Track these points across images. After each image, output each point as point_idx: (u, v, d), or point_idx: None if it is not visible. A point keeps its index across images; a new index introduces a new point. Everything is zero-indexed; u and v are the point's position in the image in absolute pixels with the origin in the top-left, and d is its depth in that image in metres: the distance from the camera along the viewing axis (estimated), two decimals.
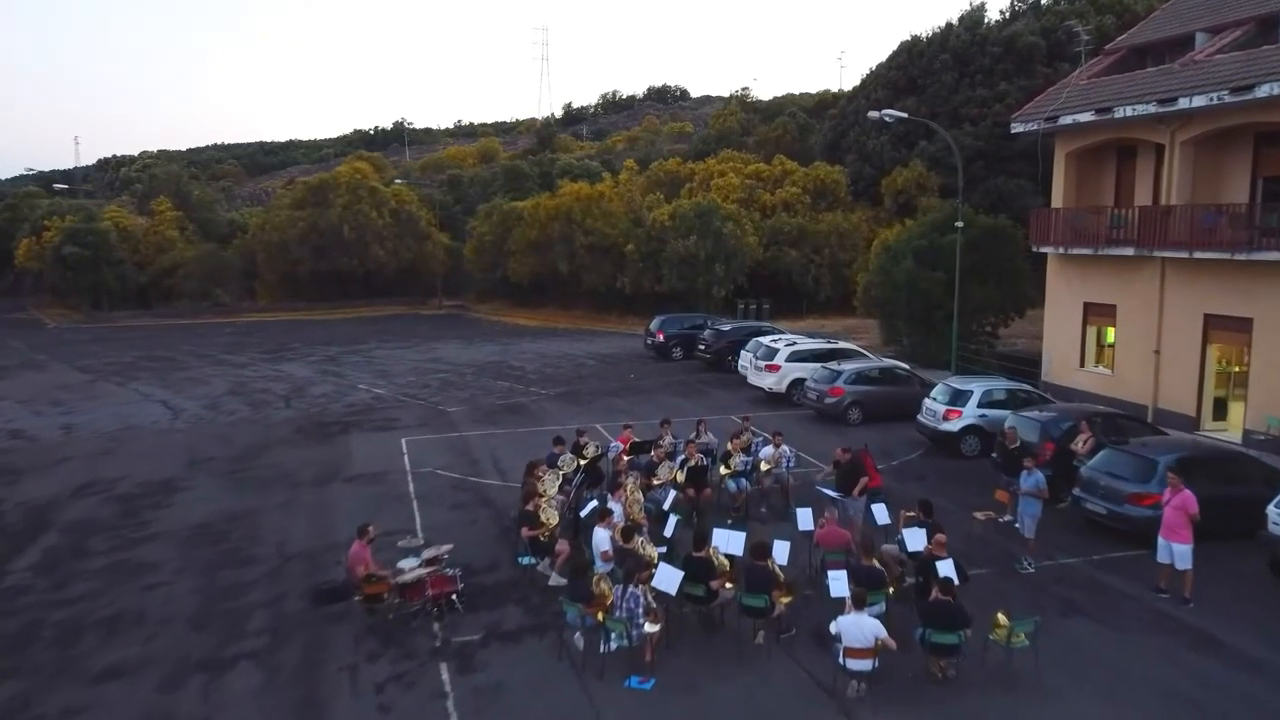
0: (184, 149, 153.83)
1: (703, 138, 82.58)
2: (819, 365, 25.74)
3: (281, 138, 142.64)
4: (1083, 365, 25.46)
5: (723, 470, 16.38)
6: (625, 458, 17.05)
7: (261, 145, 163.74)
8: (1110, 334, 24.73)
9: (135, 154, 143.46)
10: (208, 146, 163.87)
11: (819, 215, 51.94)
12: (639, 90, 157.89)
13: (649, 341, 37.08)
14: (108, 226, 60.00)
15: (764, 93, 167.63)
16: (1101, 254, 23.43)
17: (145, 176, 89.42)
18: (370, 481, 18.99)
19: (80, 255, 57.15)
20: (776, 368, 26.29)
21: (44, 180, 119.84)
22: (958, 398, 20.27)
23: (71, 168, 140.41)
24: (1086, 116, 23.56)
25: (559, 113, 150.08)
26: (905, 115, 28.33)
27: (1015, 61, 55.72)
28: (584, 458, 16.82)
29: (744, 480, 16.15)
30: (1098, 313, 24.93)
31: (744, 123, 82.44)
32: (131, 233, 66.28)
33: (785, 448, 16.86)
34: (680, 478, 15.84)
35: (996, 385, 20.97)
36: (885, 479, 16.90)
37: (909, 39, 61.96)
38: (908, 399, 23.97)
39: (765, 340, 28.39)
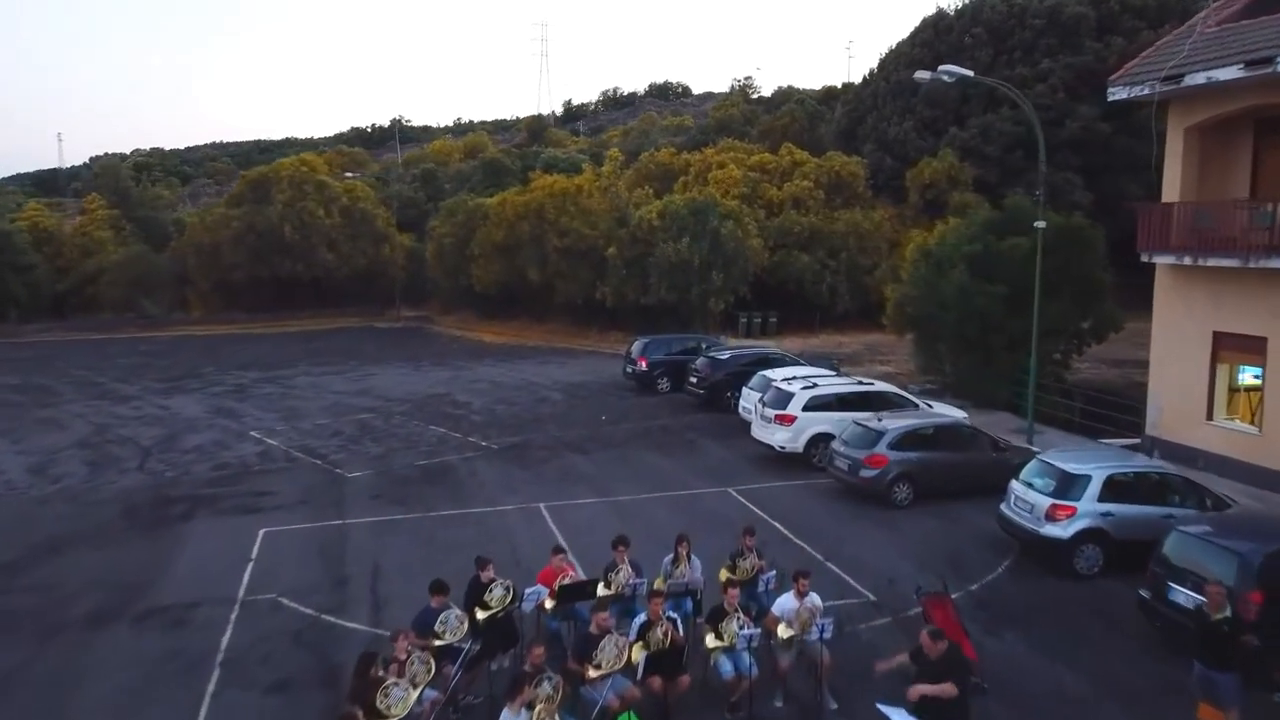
0: (182, 147, 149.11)
1: (701, 127, 76.18)
2: (848, 416, 19.45)
3: (278, 135, 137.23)
4: (1210, 418, 19.08)
5: (709, 641, 9.98)
6: (549, 605, 10.74)
7: (258, 143, 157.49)
8: (1253, 377, 18.42)
9: (128, 151, 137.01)
10: (204, 145, 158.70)
11: (834, 213, 45.60)
12: (640, 87, 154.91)
13: (629, 369, 30.72)
14: (16, 227, 53.57)
15: (768, 86, 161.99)
16: (1252, 266, 17.07)
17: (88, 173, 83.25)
18: (171, 624, 12.62)
19: None
20: (790, 419, 19.91)
21: (36, 180, 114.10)
22: (1068, 485, 13.86)
23: (56, 167, 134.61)
24: (1230, 73, 17.20)
25: (559, 110, 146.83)
26: (970, 74, 21.86)
27: (1060, 35, 49.45)
28: (486, 607, 10.44)
29: (746, 658, 9.75)
30: (1235, 346, 18.60)
31: (747, 113, 76.18)
32: (54, 234, 60.06)
33: (814, 598, 10.43)
34: (637, 657, 9.49)
35: (1124, 466, 14.57)
36: (965, 626, 10.68)
37: (934, 13, 55.82)
38: (977, 468, 17.72)
39: (775, 379, 22.05)
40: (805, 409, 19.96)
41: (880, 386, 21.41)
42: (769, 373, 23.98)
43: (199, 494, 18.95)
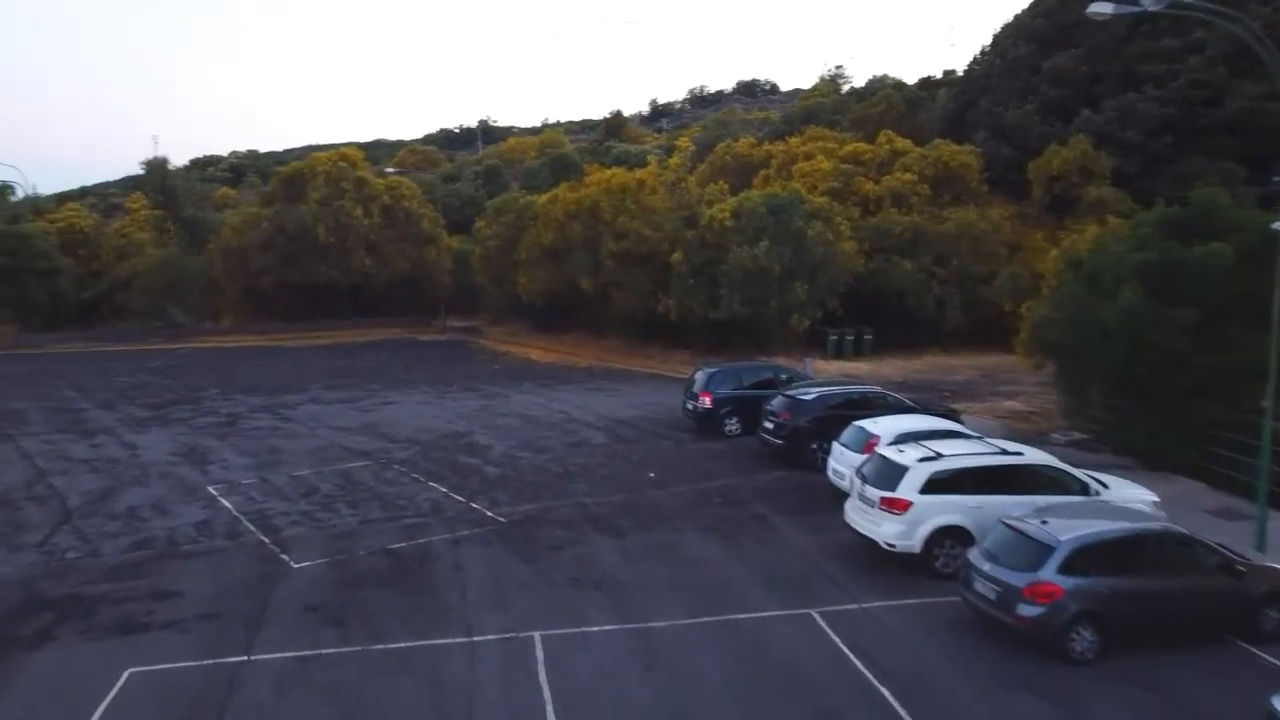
0: (279, 149, 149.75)
1: (786, 116, 70.11)
2: (989, 502, 13.79)
3: (369, 138, 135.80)
4: None
5: None
6: None
7: (350, 145, 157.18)
8: None
9: (224, 154, 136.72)
10: (298, 148, 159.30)
11: (942, 211, 39.40)
12: (728, 85, 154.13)
13: (690, 405, 25.30)
14: (37, 230, 50.79)
15: (859, 77, 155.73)
16: None
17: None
18: None
19: None
20: (903, 505, 14.22)
21: (138, 184, 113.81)
22: None
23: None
24: None
25: (645, 109, 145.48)
26: None
27: None
28: None
29: None
30: None
31: (837, 103, 69.81)
32: (89, 237, 57.44)
33: None
34: None
35: None
36: None
37: None
38: (1200, 601, 11.94)
39: (879, 439, 16.44)
40: (925, 490, 14.25)
41: (1033, 457, 15.45)
42: (869, 425, 18.32)
43: (83, 593, 14.22)
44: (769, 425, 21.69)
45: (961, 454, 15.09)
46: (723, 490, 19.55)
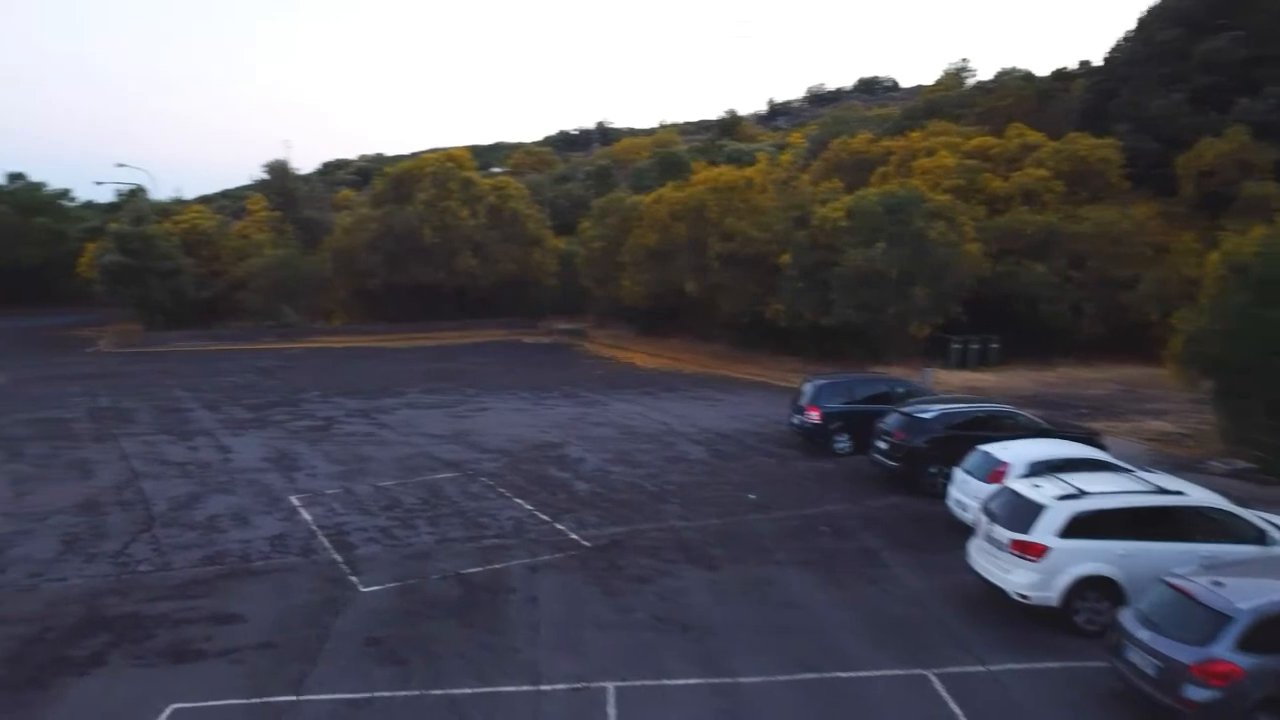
0: (406, 153, 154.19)
1: (907, 110, 67.06)
2: (1142, 550, 11.82)
3: (490, 140, 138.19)
4: None
5: None
6: None
7: (471, 149, 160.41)
8: None
9: (353, 157, 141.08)
10: (422, 151, 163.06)
11: (1078, 209, 36.41)
12: (847, 82, 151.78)
13: (796, 420, 23.61)
14: (161, 231, 52.47)
15: (986, 70, 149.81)
16: None
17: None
18: None
19: (123, 264, 49.87)
20: (1039, 550, 12.30)
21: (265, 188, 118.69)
22: None
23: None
24: None
25: (763, 108, 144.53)
26: None
27: None
28: None
29: None
30: None
31: (961, 97, 66.23)
32: (211, 237, 59.22)
33: None
34: None
35: None
36: None
37: None
38: None
39: (1010, 469, 14.53)
40: (1065, 534, 12.31)
41: (1198, 497, 13.22)
42: (998, 451, 16.33)
43: (144, 613, 13.61)
44: (882, 445, 19.86)
45: (1109, 491, 13.02)
46: (829, 517, 17.86)
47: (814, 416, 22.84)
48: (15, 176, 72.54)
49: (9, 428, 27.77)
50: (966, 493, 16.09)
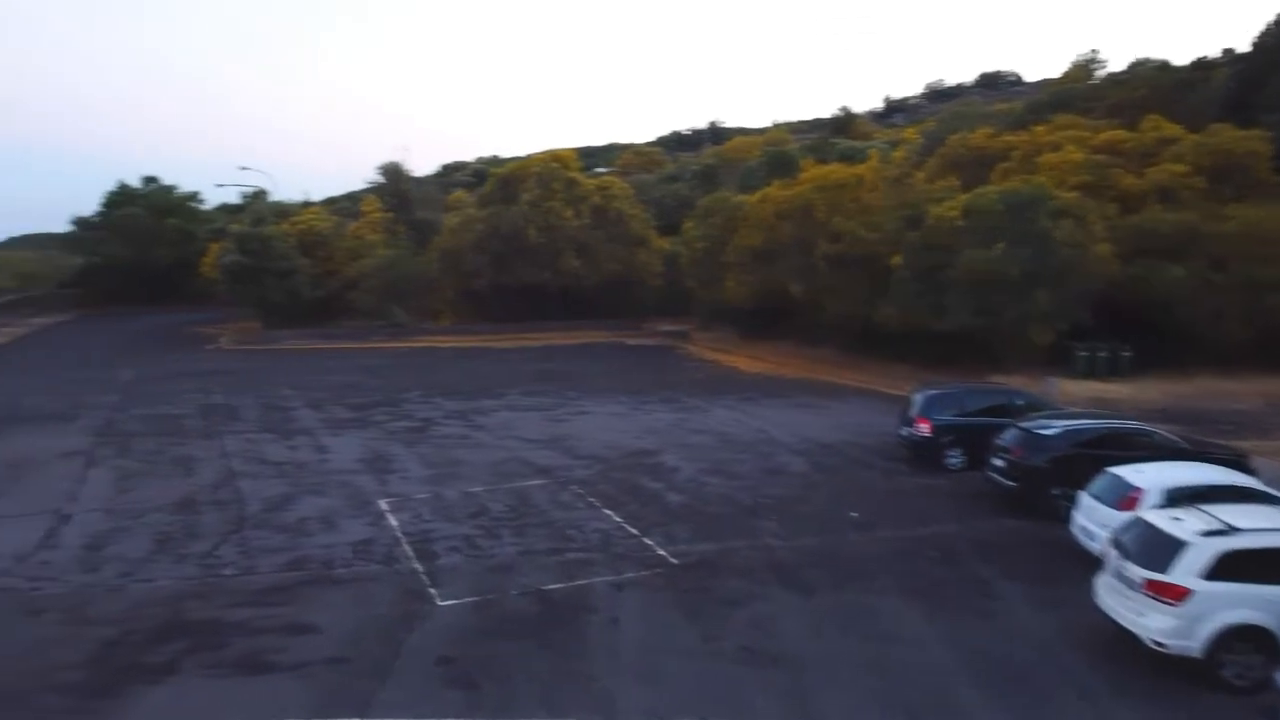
0: (523, 154, 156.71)
1: (1030, 104, 63.81)
2: None
3: (603, 142, 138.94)
4: None
5: None
6: None
7: (583, 150, 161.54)
8: None
9: (470, 160, 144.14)
10: (537, 152, 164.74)
11: (1222, 207, 33.58)
12: (969, 77, 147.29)
13: (905, 431, 22.25)
14: (278, 232, 54.10)
15: (1118, 62, 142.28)
16: None
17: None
18: None
19: (242, 264, 51.59)
20: (1179, 593, 10.87)
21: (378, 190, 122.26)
22: None
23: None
24: None
25: (879, 105, 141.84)
26: None
27: None
28: None
29: None
30: None
31: (1092, 90, 62.51)
32: (326, 238, 60.87)
33: None
34: None
35: None
36: None
37: None
38: None
39: (1142, 493, 13.06)
40: (1211, 575, 10.85)
41: None
42: (1130, 474, 14.79)
43: (223, 619, 13.44)
44: (999, 463, 18.40)
45: (1264, 527, 11.47)
46: (938, 540, 16.56)
47: (924, 429, 21.44)
48: (149, 180, 76.17)
49: (126, 423, 28.71)
50: (1093, 520, 14.59)
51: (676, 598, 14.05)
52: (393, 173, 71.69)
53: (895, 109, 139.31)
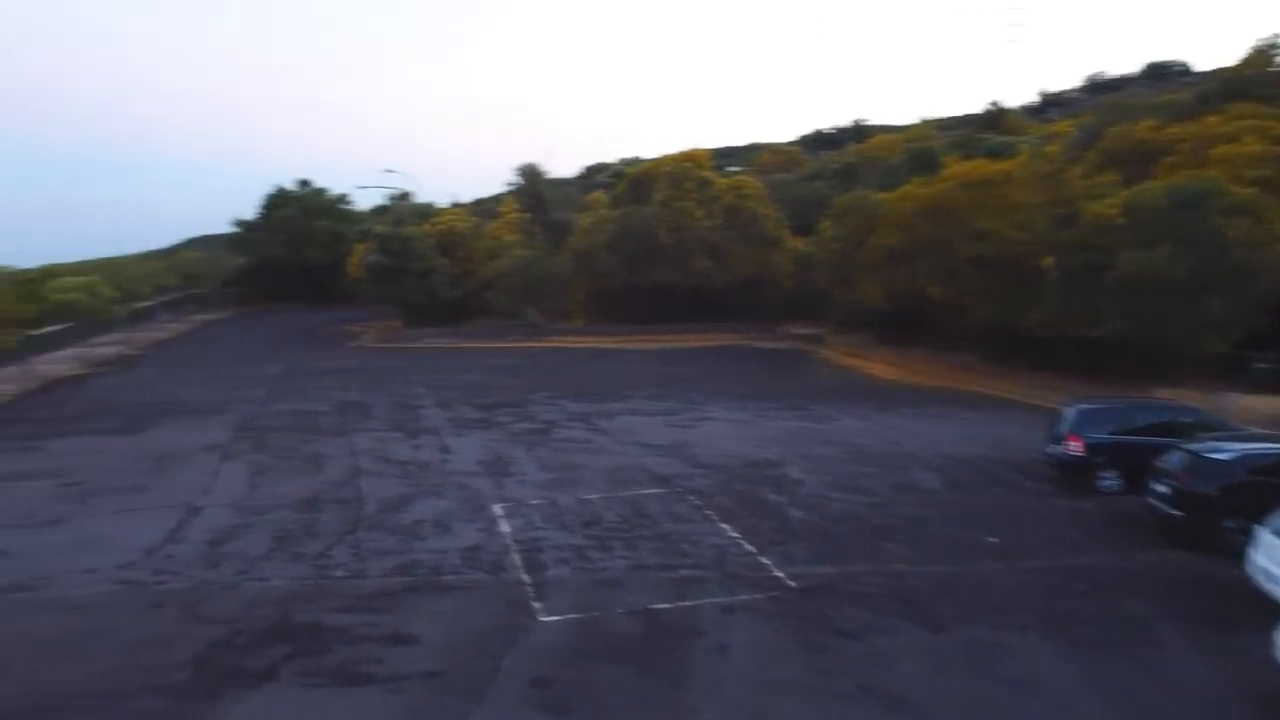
0: (663, 155, 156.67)
1: (1200, 93, 58.96)
2: None
3: (743, 141, 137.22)
4: None
5: None
6: None
7: (721, 150, 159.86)
8: None
9: (613, 161, 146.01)
10: (675, 153, 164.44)
11: None
12: (1132, 68, 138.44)
13: (1053, 449, 20.48)
14: (417, 232, 55.49)
15: None
16: None
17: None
18: None
19: (383, 264, 53.16)
20: None
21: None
22: None
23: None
24: None
25: (1034, 99, 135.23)
26: None
27: None
28: None
29: None
30: None
31: (1273, 76, 57.16)
32: (465, 238, 62.20)
33: None
34: None
35: None
36: None
37: None
38: None
39: None
40: None
41: None
42: None
43: (328, 624, 13.31)
44: (1161, 488, 16.56)
45: None
46: (1087, 573, 14.97)
47: (1075, 447, 19.64)
48: (303, 183, 79.78)
49: (266, 419, 29.67)
50: (1276, 560, 12.79)
51: (791, 625, 13.09)
52: (530, 174, 72.72)
53: (1051, 103, 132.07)
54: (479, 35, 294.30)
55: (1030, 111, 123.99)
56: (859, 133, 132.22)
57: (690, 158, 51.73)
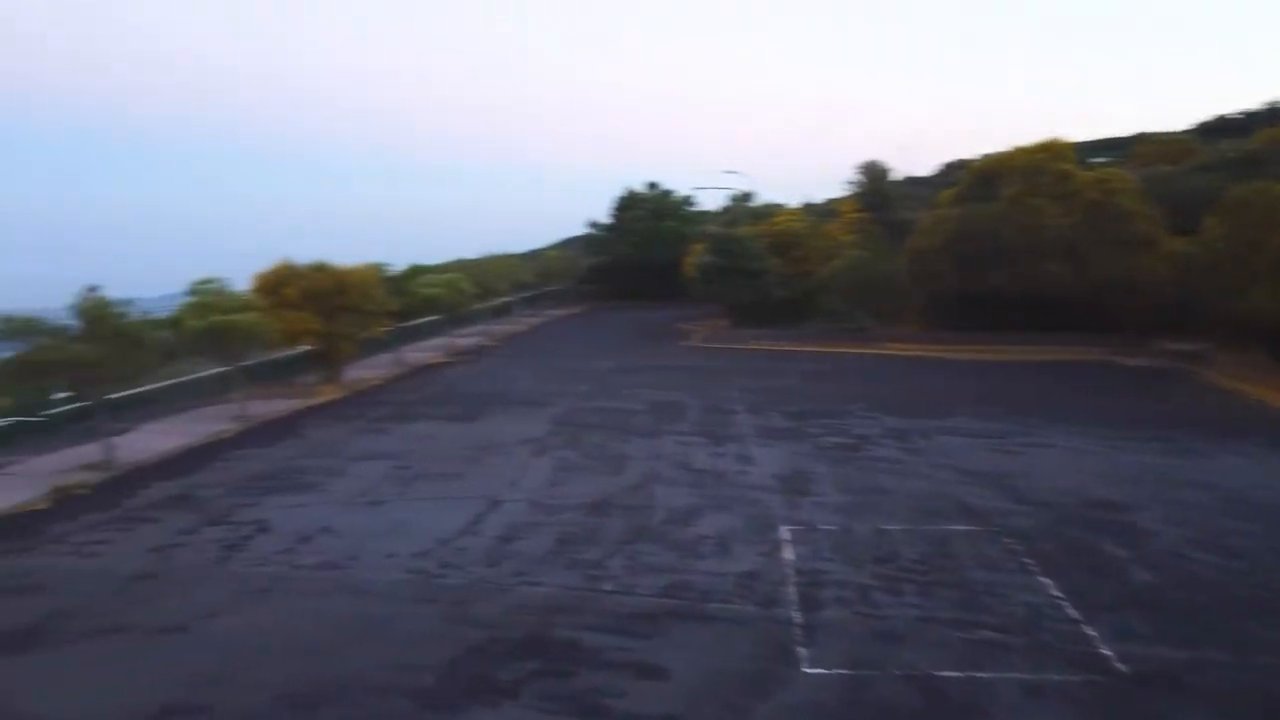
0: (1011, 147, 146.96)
1: None
2: None
3: (1127, 132, 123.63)
4: None
5: None
6: None
7: (1098, 142, 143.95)
8: None
9: (975, 158, 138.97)
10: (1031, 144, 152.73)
11: None
12: None
13: None
14: (750, 233, 55.08)
15: None
16: None
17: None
18: None
19: (715, 264, 53.35)
20: None
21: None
22: None
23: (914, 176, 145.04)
24: None
25: None
26: None
27: None
28: None
29: None
30: None
31: None
32: (800, 239, 61.07)
33: None
34: None
35: None
36: None
37: None
38: None
39: None
40: None
41: None
42: None
43: (583, 642, 12.81)
44: None
45: None
46: None
47: None
48: (651, 185, 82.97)
49: (584, 414, 30.45)
50: None
51: None
52: (872, 172, 69.94)
53: None
54: (831, 34, 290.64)
55: None
56: (1272, 116, 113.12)
57: (1047, 148, 46.38)
